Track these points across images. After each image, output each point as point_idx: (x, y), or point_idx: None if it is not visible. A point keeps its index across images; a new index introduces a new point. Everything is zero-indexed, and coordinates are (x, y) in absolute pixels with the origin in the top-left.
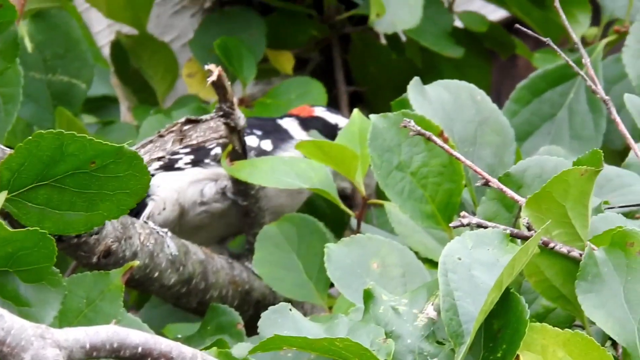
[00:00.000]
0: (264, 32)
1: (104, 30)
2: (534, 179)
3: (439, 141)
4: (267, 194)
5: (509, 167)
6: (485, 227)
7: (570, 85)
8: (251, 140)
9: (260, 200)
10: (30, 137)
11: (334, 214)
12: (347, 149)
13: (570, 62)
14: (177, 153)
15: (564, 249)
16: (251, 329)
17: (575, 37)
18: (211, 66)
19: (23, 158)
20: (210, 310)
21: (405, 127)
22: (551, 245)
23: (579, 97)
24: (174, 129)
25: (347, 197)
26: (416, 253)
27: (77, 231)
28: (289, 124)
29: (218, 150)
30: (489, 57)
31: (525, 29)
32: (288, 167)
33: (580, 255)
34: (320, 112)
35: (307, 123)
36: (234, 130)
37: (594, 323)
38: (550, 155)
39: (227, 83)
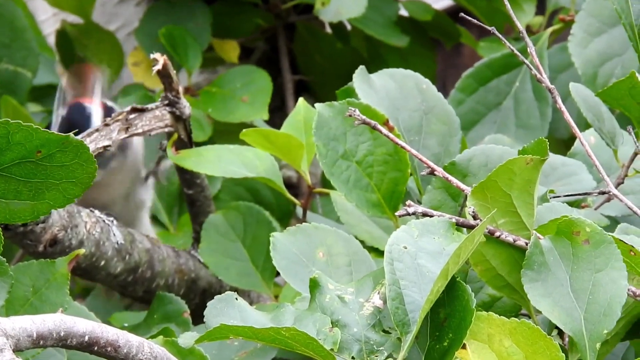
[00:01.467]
0: (209, 21)
1: (49, 19)
2: (479, 168)
3: (384, 130)
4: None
5: (455, 156)
6: (431, 216)
7: (515, 74)
8: None
9: (206, 189)
10: None
11: (279, 203)
12: (293, 137)
13: (516, 51)
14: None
15: (510, 238)
16: (197, 318)
17: (520, 26)
18: (156, 55)
19: None
20: (157, 299)
21: (350, 116)
22: (497, 234)
23: (525, 86)
24: (119, 117)
25: (293, 185)
26: (362, 242)
27: (23, 220)
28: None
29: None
30: (434, 46)
31: (470, 18)
32: (234, 156)
33: (526, 244)
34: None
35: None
36: (179, 119)
37: (540, 312)
38: (496, 144)
39: (173, 72)
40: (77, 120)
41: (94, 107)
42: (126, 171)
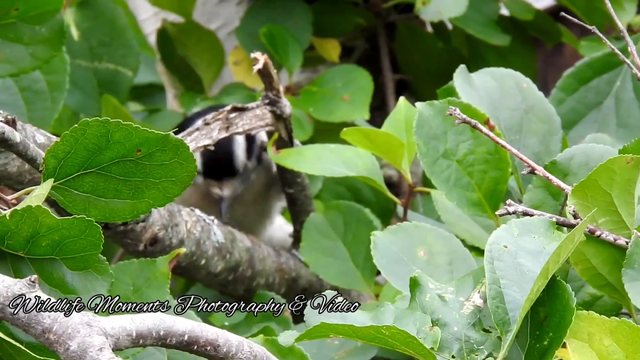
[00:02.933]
0: (310, 20)
1: (150, 18)
2: (580, 167)
3: (484, 129)
4: None
5: (555, 155)
6: (531, 215)
7: (616, 74)
8: None
9: (306, 188)
10: (76, 125)
11: (380, 201)
12: (393, 136)
13: (616, 51)
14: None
15: (610, 237)
16: (298, 317)
17: (621, 25)
18: (257, 54)
19: (69, 146)
20: (257, 298)
21: (451, 115)
22: (597, 233)
23: (626, 85)
24: (220, 116)
25: (394, 184)
26: (462, 241)
27: (123, 219)
28: None
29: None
30: (534, 45)
31: (570, 17)
32: (334, 155)
33: (627, 243)
34: None
35: None
36: (280, 118)
37: None
38: (597, 143)
39: (273, 71)
40: None
41: None
42: (262, 181)
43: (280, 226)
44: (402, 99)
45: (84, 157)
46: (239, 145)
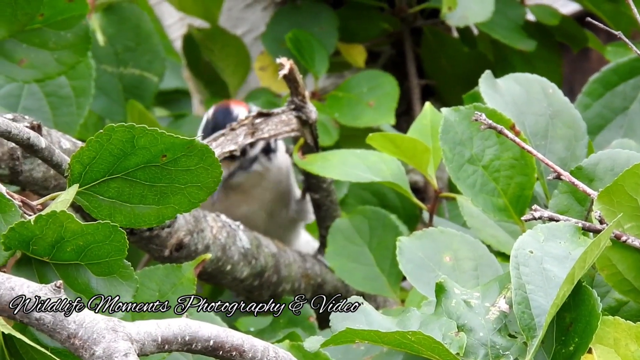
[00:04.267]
0: (336, 25)
1: (175, 24)
2: (606, 173)
3: (510, 134)
4: None
5: (581, 160)
6: (557, 221)
7: None
8: None
9: (332, 194)
10: (101, 131)
11: (406, 207)
12: (419, 142)
13: None
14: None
15: (637, 242)
16: (323, 322)
17: None
18: (283, 59)
19: (94, 151)
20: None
21: (476, 120)
22: (623, 238)
23: None
24: (245, 122)
25: (420, 190)
26: (488, 246)
27: (149, 224)
28: None
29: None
30: (560, 51)
31: (596, 22)
32: (360, 160)
33: None
34: None
35: None
36: (305, 124)
37: None
38: (623, 148)
39: (299, 76)
40: (222, 123)
41: (240, 109)
42: (270, 180)
43: (307, 242)
44: (427, 104)
45: (110, 162)
46: None
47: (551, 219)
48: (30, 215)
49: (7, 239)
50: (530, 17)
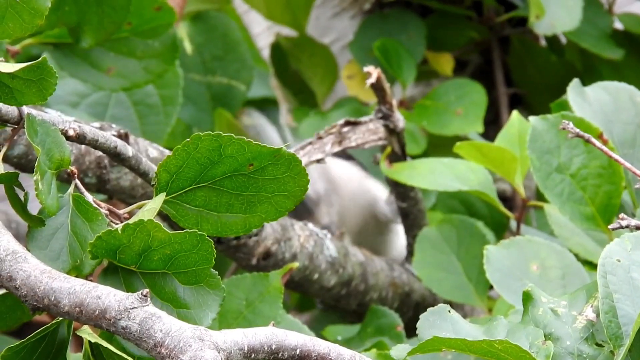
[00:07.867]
0: (424, 34)
1: (263, 32)
2: None
3: (598, 143)
4: None
5: None
6: None
7: None
8: None
9: (419, 202)
10: (188, 139)
11: (493, 216)
12: (506, 150)
13: None
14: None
15: None
16: (411, 331)
17: None
18: (370, 68)
19: (181, 160)
20: (370, 312)
21: (564, 129)
22: None
23: None
24: (333, 130)
25: (507, 199)
26: (575, 255)
27: (236, 233)
28: None
29: None
30: None
31: None
32: (447, 169)
33: None
34: None
35: None
36: (393, 132)
37: None
38: None
39: (387, 85)
40: None
41: None
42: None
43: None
44: (515, 112)
45: (197, 171)
46: None
47: (638, 228)
48: (117, 223)
49: (94, 248)
50: (618, 25)
